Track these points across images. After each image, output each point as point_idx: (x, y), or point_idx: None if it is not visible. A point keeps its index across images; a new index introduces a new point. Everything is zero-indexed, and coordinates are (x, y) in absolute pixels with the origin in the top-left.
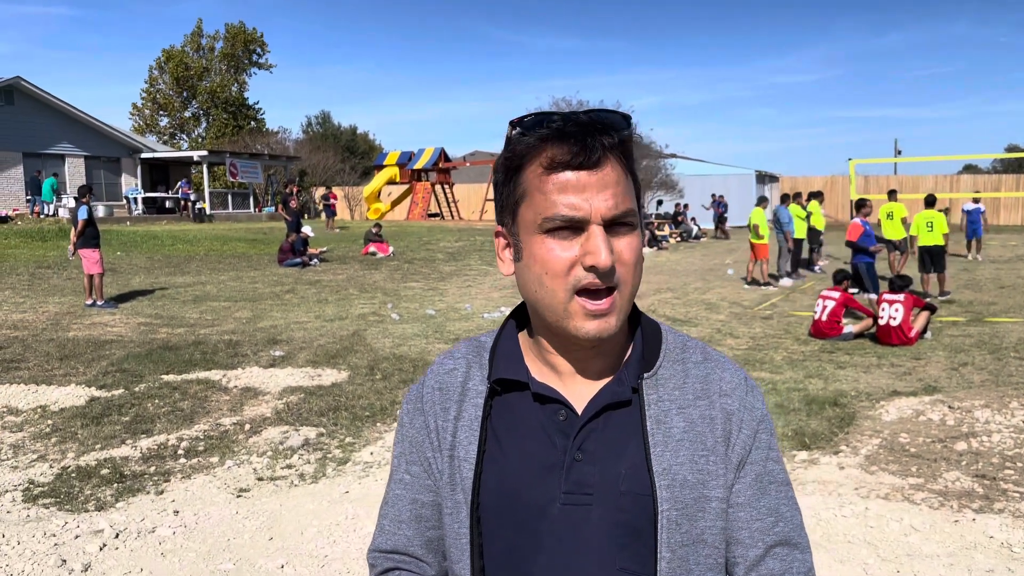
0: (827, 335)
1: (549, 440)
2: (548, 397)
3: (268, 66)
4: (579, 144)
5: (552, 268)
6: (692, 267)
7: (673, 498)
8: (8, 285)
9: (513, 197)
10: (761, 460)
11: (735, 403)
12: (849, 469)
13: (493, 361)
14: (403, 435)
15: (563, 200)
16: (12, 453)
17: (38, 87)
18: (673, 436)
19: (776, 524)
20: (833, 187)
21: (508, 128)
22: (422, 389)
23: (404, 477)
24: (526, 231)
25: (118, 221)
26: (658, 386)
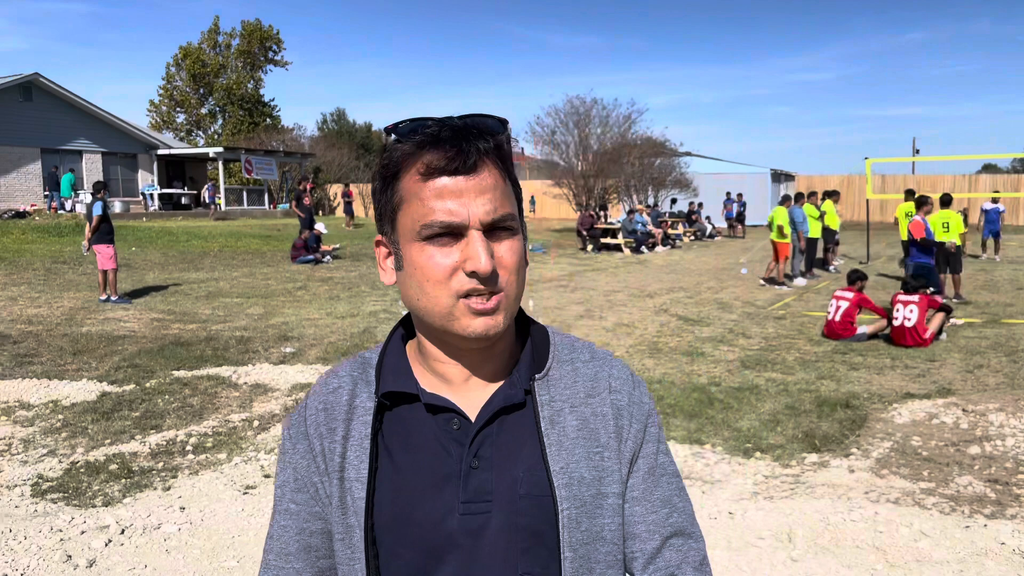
0: (840, 336)
1: (444, 450)
2: (440, 407)
3: (284, 63)
4: (455, 149)
5: (433, 275)
6: (706, 266)
7: (572, 497)
8: (25, 280)
9: (391, 205)
10: (652, 453)
11: (624, 398)
12: (859, 472)
13: (380, 375)
14: (287, 462)
15: (441, 206)
16: (23, 447)
17: (56, 83)
18: (568, 435)
19: (670, 516)
20: (850, 186)
21: (383, 135)
22: (305, 412)
23: (290, 507)
24: (405, 239)
25: (134, 217)
26: (549, 387)
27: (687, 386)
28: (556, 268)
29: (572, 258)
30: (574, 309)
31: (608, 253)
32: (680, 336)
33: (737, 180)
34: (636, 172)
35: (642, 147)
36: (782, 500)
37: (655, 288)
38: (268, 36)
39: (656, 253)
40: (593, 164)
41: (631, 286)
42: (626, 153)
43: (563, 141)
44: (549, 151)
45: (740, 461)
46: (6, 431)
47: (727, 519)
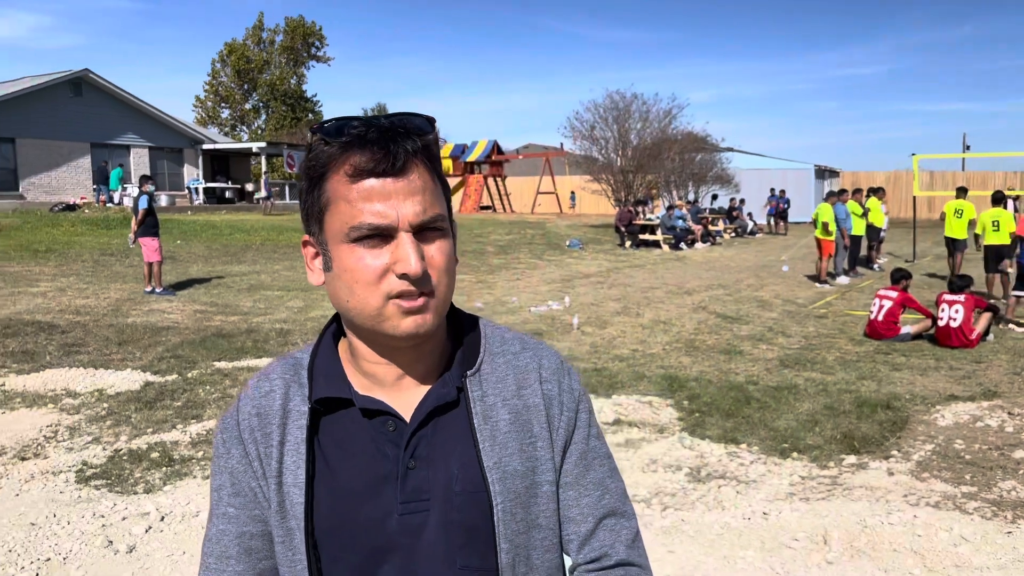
0: (883, 336)
1: (380, 452)
2: (375, 410)
3: (326, 59)
4: (382, 150)
5: (363, 277)
6: (746, 263)
7: (506, 490)
8: (74, 271)
9: (318, 206)
10: (584, 439)
11: (554, 388)
12: (899, 475)
13: (312, 379)
14: (222, 466)
15: (369, 208)
16: (69, 435)
17: (105, 79)
18: (500, 429)
19: (603, 498)
20: (897, 183)
21: (309, 135)
22: (237, 416)
23: (228, 511)
24: (334, 240)
25: (180, 210)
26: (482, 383)
27: (724, 385)
28: (593, 264)
29: (610, 254)
30: (611, 305)
31: (647, 249)
32: (718, 334)
33: (780, 176)
34: (676, 168)
35: (682, 142)
36: (818, 502)
37: (694, 285)
38: (311, 32)
39: (696, 250)
40: (632, 159)
41: (669, 283)
42: (666, 148)
43: (602, 136)
44: (588, 146)
45: (776, 461)
46: (53, 419)
47: (761, 520)
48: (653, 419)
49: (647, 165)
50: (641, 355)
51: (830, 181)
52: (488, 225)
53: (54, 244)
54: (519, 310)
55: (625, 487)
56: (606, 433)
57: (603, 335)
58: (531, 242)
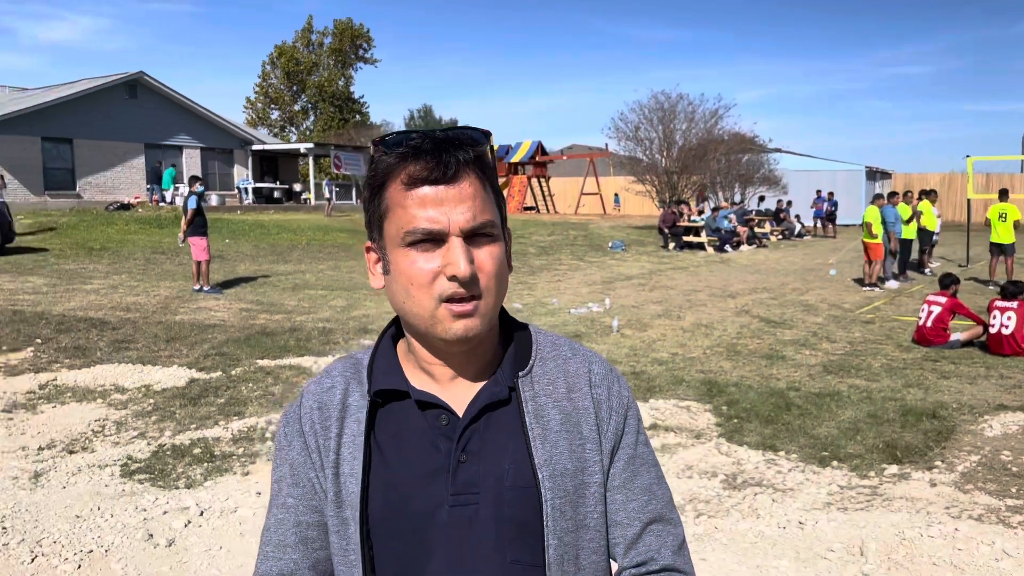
0: (932, 342)
1: (433, 445)
2: (429, 403)
3: (373, 61)
4: (435, 160)
5: (417, 279)
6: (792, 266)
7: (556, 488)
8: (126, 269)
9: (378, 213)
10: (632, 444)
11: (604, 392)
12: (942, 486)
13: (372, 375)
14: (283, 458)
15: (423, 214)
16: (115, 429)
17: (160, 81)
18: (551, 429)
19: (649, 503)
20: (951, 185)
21: (371, 147)
22: (300, 410)
23: (287, 500)
24: (391, 245)
25: (229, 210)
26: (533, 383)
27: (764, 390)
28: (635, 266)
29: (652, 256)
30: (652, 308)
31: (690, 252)
32: (760, 338)
33: (830, 177)
34: (722, 169)
35: (729, 143)
36: (856, 512)
37: (737, 288)
38: (359, 34)
39: (740, 252)
40: (677, 160)
41: (712, 286)
42: (712, 149)
43: (646, 137)
44: (632, 147)
45: (815, 469)
46: (101, 413)
47: (796, 529)
48: (690, 424)
49: (692, 166)
50: (681, 359)
51: (881, 183)
52: (531, 226)
53: (108, 242)
54: (559, 311)
55: (671, 495)
56: None
57: (643, 338)
58: (573, 243)
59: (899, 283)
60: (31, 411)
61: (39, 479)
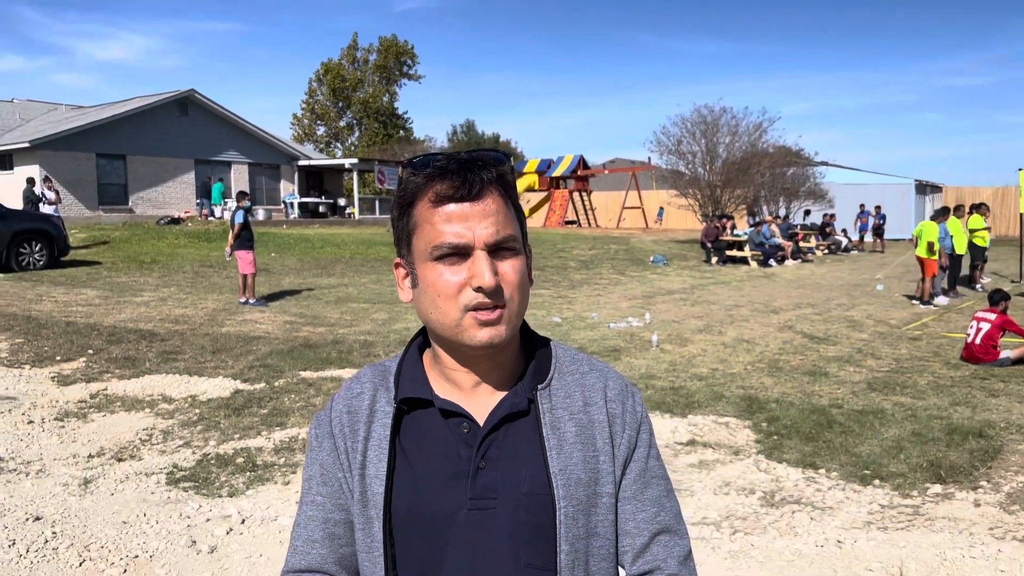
0: (981, 360)
1: (454, 451)
2: (451, 411)
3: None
4: (460, 179)
5: (444, 291)
6: (838, 281)
7: (569, 496)
8: (175, 282)
9: (407, 230)
10: (643, 458)
11: (619, 407)
12: (986, 507)
13: (399, 382)
14: (313, 458)
15: (449, 229)
16: (162, 438)
17: (209, 99)
18: (567, 440)
19: (658, 515)
20: (1005, 198)
21: (400, 169)
22: (330, 414)
23: (316, 499)
24: (420, 259)
25: (275, 224)
26: (551, 396)
27: (806, 407)
28: (677, 280)
29: (695, 271)
30: (692, 323)
31: (733, 266)
32: (803, 355)
33: (878, 191)
34: (766, 182)
35: (773, 156)
36: (897, 531)
37: (781, 304)
38: (403, 51)
39: (785, 267)
40: (720, 174)
41: (755, 301)
42: (756, 163)
43: (689, 151)
44: (675, 161)
45: (856, 488)
46: (149, 422)
47: (835, 548)
48: (729, 440)
49: (736, 180)
50: (721, 374)
51: (932, 197)
52: (571, 240)
53: (158, 256)
54: (598, 326)
55: (680, 508)
56: (679, 453)
57: (683, 353)
58: (614, 257)
59: (948, 299)
60: (82, 419)
61: (88, 486)
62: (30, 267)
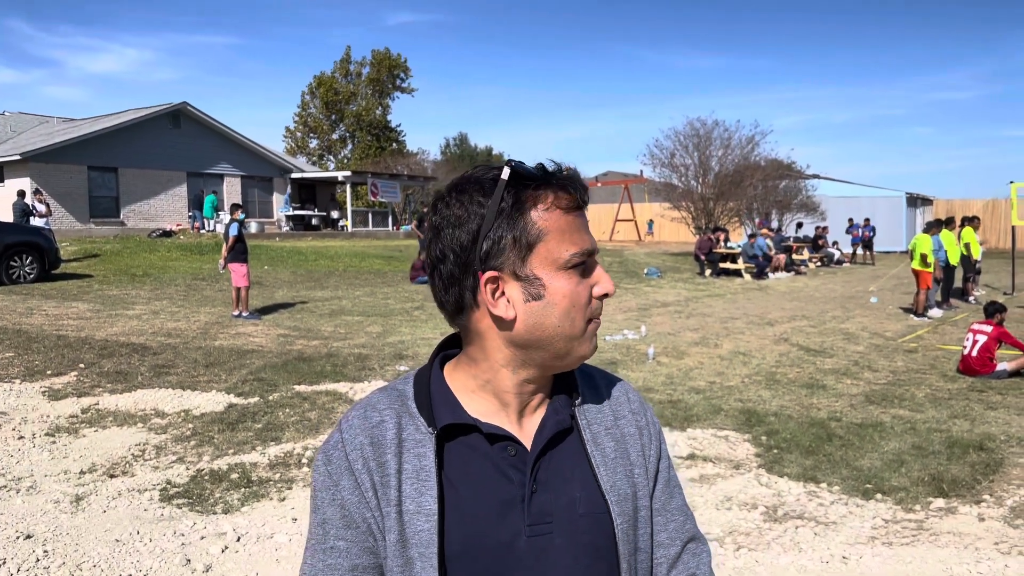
0: (978, 372)
1: (504, 476)
2: (497, 435)
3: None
4: (576, 189)
5: (579, 301)
6: (832, 294)
7: (622, 512)
8: (167, 295)
9: (524, 237)
10: (667, 468)
11: (643, 419)
12: (990, 521)
13: (431, 408)
14: (330, 499)
15: (580, 237)
16: (155, 454)
17: (202, 111)
18: (608, 455)
19: (685, 523)
20: (994, 211)
21: (506, 168)
22: (344, 447)
23: (337, 544)
24: (547, 268)
25: (268, 237)
26: (586, 412)
27: (805, 420)
28: (672, 293)
29: (689, 283)
30: (688, 336)
31: (727, 278)
32: (800, 367)
33: (869, 204)
34: (759, 195)
35: (765, 169)
36: (902, 547)
37: (776, 316)
38: (396, 64)
39: (778, 279)
40: (713, 187)
41: (750, 313)
42: (748, 176)
43: (682, 164)
44: (667, 174)
45: (858, 503)
46: (142, 437)
47: (840, 564)
48: (729, 454)
49: (728, 192)
50: (719, 387)
51: (923, 209)
52: None
53: (150, 269)
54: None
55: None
56: (680, 467)
57: (679, 366)
58: (608, 270)
59: (943, 311)
60: (73, 435)
61: (80, 503)
62: (20, 280)
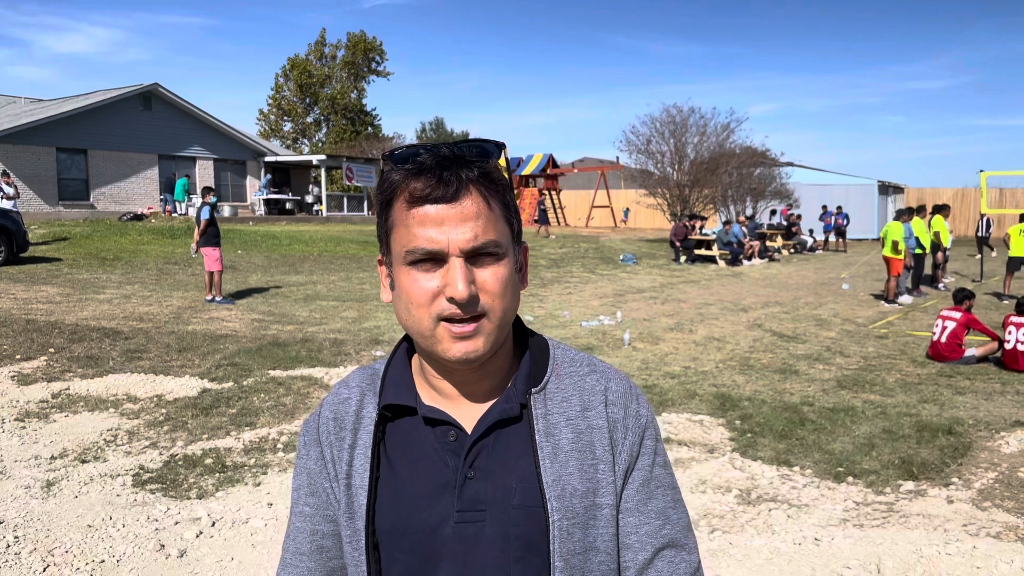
0: (947, 358)
1: (441, 461)
2: (437, 420)
3: (386, 73)
4: (436, 178)
5: (416, 298)
6: (804, 280)
7: (564, 508)
8: (139, 279)
9: (384, 229)
10: (647, 466)
11: (620, 412)
12: (959, 503)
13: (383, 387)
14: (301, 467)
15: (423, 233)
16: (127, 439)
17: (174, 93)
18: (562, 448)
19: (663, 527)
20: (964, 200)
21: (382, 161)
22: (318, 420)
23: (304, 509)
24: (396, 262)
25: (241, 221)
26: (546, 400)
27: (778, 405)
28: (647, 279)
29: (664, 269)
30: (663, 321)
31: (702, 265)
32: (773, 352)
33: (842, 192)
34: (734, 182)
35: (740, 156)
36: (873, 529)
37: (750, 302)
38: (372, 47)
39: (752, 266)
40: (689, 174)
41: (724, 299)
42: (724, 163)
43: (658, 150)
44: (644, 160)
45: (830, 485)
46: (114, 423)
47: (812, 546)
48: (704, 438)
49: (704, 179)
50: (693, 372)
51: (894, 197)
52: (542, 239)
53: (121, 252)
54: (570, 324)
55: (690, 520)
56: None
57: (655, 351)
58: (584, 256)
59: (913, 298)
60: (44, 420)
61: (51, 488)
62: None
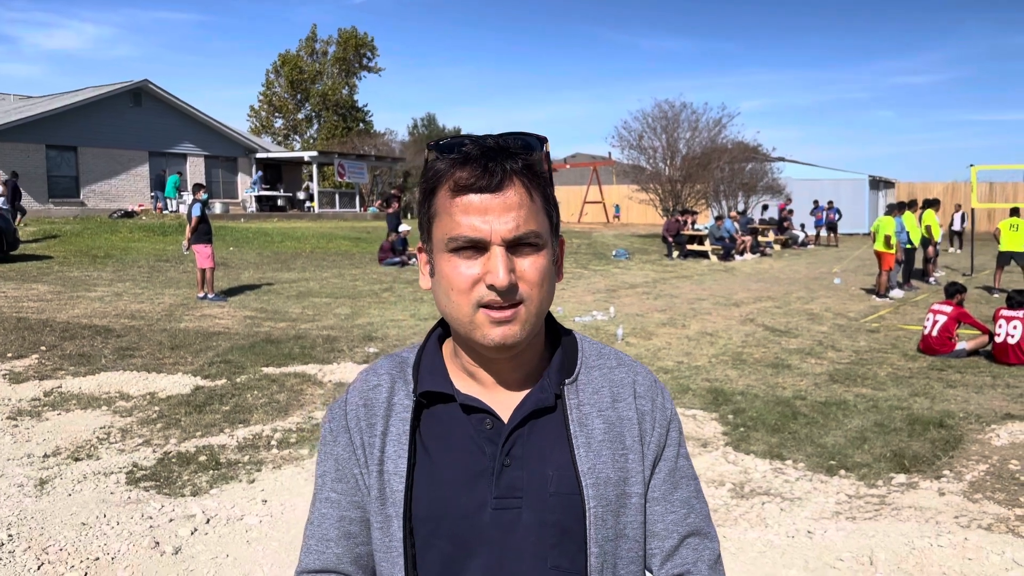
0: (938, 351)
1: (478, 448)
2: (474, 407)
3: (377, 69)
4: (481, 168)
5: (457, 285)
6: (796, 275)
7: (598, 496)
8: (130, 277)
9: (427, 216)
10: (673, 457)
11: (648, 404)
12: (950, 496)
13: (418, 375)
14: (328, 453)
15: (466, 221)
16: (120, 437)
17: (164, 90)
18: (595, 438)
19: (688, 516)
20: (954, 194)
21: (426, 150)
22: (345, 407)
23: (330, 495)
24: (437, 249)
25: (233, 218)
26: (578, 392)
27: (771, 399)
28: (640, 274)
29: (656, 264)
30: (656, 316)
31: (694, 260)
32: (766, 347)
33: (833, 187)
34: (726, 178)
35: (732, 152)
36: (865, 521)
37: (742, 297)
38: (363, 43)
39: (744, 261)
40: (681, 169)
41: (717, 294)
42: (716, 158)
43: (650, 146)
44: (636, 156)
45: (823, 479)
46: (107, 420)
47: (805, 538)
48: (697, 433)
49: (696, 175)
50: (686, 367)
51: (885, 192)
52: None
53: (112, 250)
54: (564, 320)
55: (709, 510)
56: None
57: (648, 346)
58: (577, 251)
59: (904, 292)
60: (36, 418)
61: (44, 486)
62: None
